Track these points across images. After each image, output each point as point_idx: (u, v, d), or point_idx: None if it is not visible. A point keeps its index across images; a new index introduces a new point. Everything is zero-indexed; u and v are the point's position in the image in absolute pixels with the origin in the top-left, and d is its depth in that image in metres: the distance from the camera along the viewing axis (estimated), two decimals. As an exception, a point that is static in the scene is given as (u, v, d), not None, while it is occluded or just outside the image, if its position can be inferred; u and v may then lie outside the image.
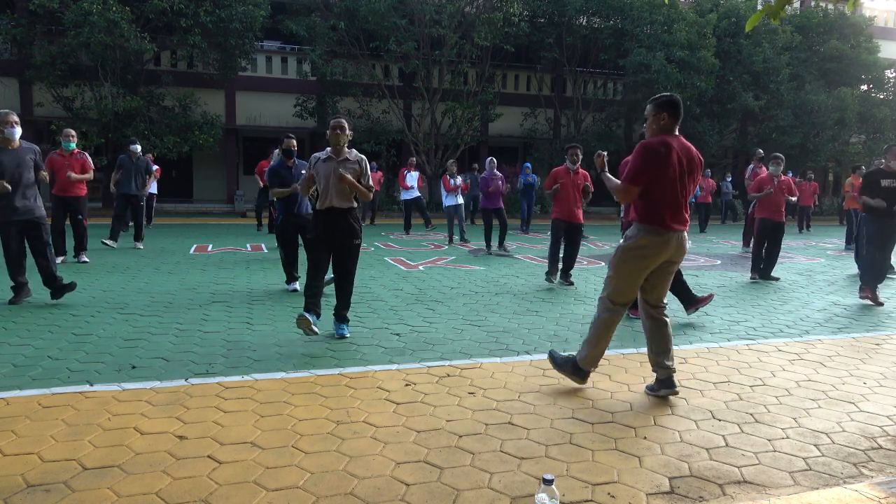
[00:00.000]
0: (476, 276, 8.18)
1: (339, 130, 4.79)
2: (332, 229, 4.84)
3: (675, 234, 3.65)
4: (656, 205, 3.63)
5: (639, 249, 3.67)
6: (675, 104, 3.70)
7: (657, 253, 3.65)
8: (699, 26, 20.42)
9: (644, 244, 3.65)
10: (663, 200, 3.62)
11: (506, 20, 19.41)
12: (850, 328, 5.71)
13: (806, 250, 12.38)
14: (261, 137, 22.12)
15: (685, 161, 3.66)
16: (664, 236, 3.62)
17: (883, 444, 3.13)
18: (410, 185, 13.68)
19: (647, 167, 3.60)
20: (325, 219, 4.84)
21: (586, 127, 22.82)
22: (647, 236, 3.64)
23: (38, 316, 5.39)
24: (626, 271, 3.71)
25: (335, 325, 4.98)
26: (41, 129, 18.86)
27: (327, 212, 4.83)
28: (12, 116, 5.70)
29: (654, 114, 3.70)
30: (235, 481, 2.59)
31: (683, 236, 3.72)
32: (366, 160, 4.99)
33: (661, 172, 3.58)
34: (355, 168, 4.86)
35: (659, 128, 3.69)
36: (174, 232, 13.07)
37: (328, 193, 4.80)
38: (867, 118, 23.88)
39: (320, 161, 4.85)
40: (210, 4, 17.03)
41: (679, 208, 3.66)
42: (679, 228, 3.66)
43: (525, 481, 2.65)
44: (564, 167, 7.62)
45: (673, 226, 3.63)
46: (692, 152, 3.75)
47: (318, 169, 4.84)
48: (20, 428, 3.06)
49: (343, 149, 4.86)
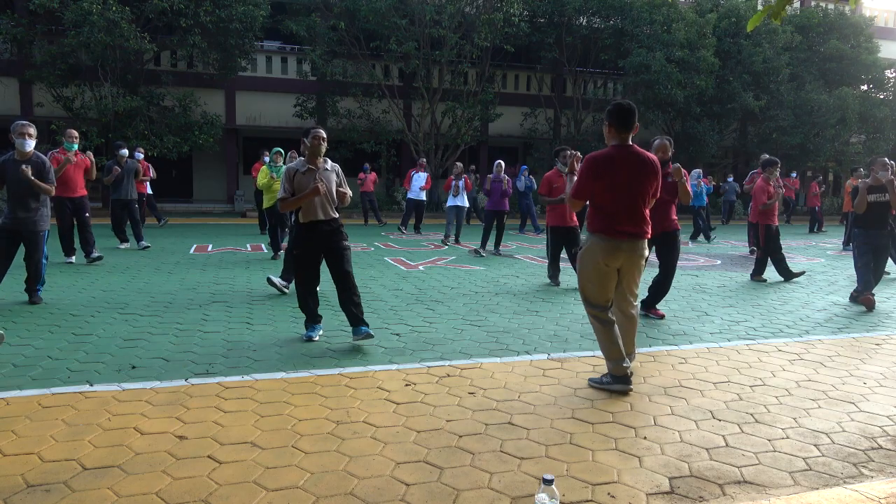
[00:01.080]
0: (476, 276, 8.18)
1: (321, 140, 4.72)
2: (319, 241, 4.75)
3: (623, 241, 3.76)
4: (601, 213, 3.80)
5: (588, 254, 3.84)
6: (620, 113, 3.78)
7: (606, 258, 3.78)
8: (699, 26, 20.42)
9: (592, 250, 3.82)
10: (608, 209, 3.77)
11: (506, 20, 19.41)
12: (850, 328, 5.71)
13: (806, 250, 12.38)
14: (261, 137, 22.12)
15: (633, 170, 3.76)
16: (612, 242, 3.76)
17: (883, 444, 3.13)
18: (415, 187, 13.67)
19: (587, 181, 3.79)
20: (311, 232, 4.74)
21: (586, 127, 22.82)
22: (596, 243, 3.80)
23: (38, 316, 5.39)
24: (585, 276, 3.89)
25: (355, 330, 4.68)
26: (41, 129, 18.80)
27: (312, 225, 4.73)
28: (29, 129, 5.70)
29: (604, 122, 3.89)
30: (235, 481, 2.59)
31: (639, 244, 3.82)
32: (339, 167, 4.93)
33: (605, 184, 3.74)
34: (333, 177, 4.80)
35: (608, 137, 3.87)
36: (174, 232, 13.07)
37: (311, 207, 4.69)
38: (867, 118, 23.86)
39: (299, 173, 4.70)
40: (210, 4, 17.03)
41: (626, 216, 3.77)
42: (627, 236, 3.77)
43: (525, 481, 2.65)
44: (555, 171, 7.61)
45: (619, 233, 3.76)
46: (645, 158, 3.83)
47: (299, 181, 4.68)
48: (20, 428, 3.06)
49: (320, 159, 4.78)
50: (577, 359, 4.49)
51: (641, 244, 3.84)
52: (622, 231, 3.75)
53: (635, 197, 3.78)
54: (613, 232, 3.75)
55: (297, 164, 4.77)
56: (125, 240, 10.08)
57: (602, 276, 3.82)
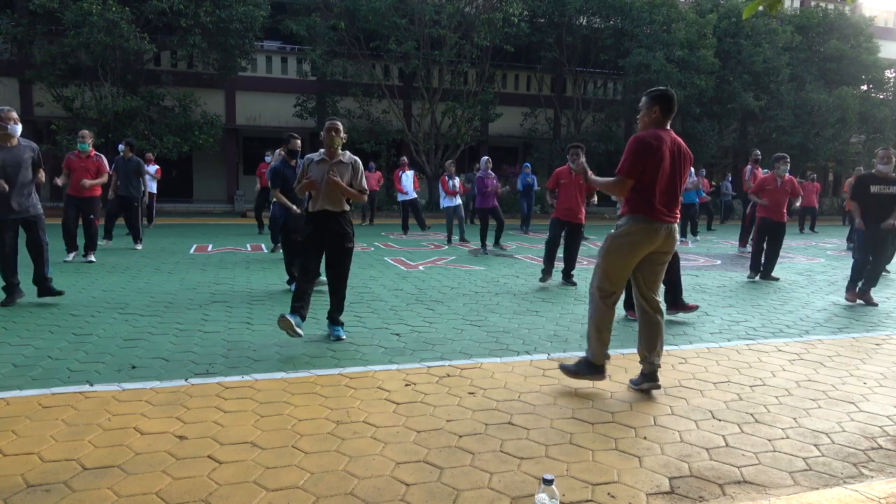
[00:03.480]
0: (476, 276, 8.18)
1: (333, 132, 4.79)
2: (323, 232, 4.80)
3: (664, 224, 3.74)
4: (647, 196, 3.73)
5: (627, 237, 3.77)
6: (668, 98, 3.79)
7: (645, 241, 3.73)
8: (699, 26, 20.42)
9: (632, 232, 3.75)
10: (654, 192, 3.71)
11: (506, 20, 19.41)
12: (850, 328, 5.71)
13: (806, 250, 12.38)
14: (261, 137, 22.12)
15: (676, 155, 3.77)
16: (653, 225, 3.72)
17: (883, 444, 3.13)
18: (405, 187, 13.66)
19: (639, 160, 3.70)
20: (317, 221, 4.80)
21: (586, 127, 22.83)
22: (637, 225, 3.74)
23: (38, 316, 5.39)
24: (614, 259, 3.81)
25: (331, 328, 4.94)
26: (41, 129, 18.87)
27: (319, 214, 4.79)
28: (13, 113, 5.70)
29: (647, 106, 3.85)
30: (235, 481, 2.59)
31: (673, 228, 3.81)
32: (359, 161, 4.97)
33: (654, 165, 3.69)
34: (349, 170, 4.84)
35: (651, 121, 3.82)
36: (174, 232, 13.06)
37: (321, 196, 4.77)
38: (867, 118, 23.87)
39: (314, 163, 4.82)
40: (210, 4, 17.03)
41: (669, 200, 3.76)
42: (668, 220, 3.76)
43: (525, 481, 2.65)
44: (566, 167, 7.62)
45: (662, 216, 3.73)
46: (683, 147, 3.85)
47: (312, 170, 4.80)
48: (20, 428, 3.06)
49: (337, 150, 4.85)
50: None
51: (675, 227, 3.83)
52: (665, 214, 3.73)
53: (675, 182, 3.77)
54: (657, 215, 3.71)
55: (315, 155, 4.87)
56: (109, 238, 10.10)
57: (631, 261, 3.78)
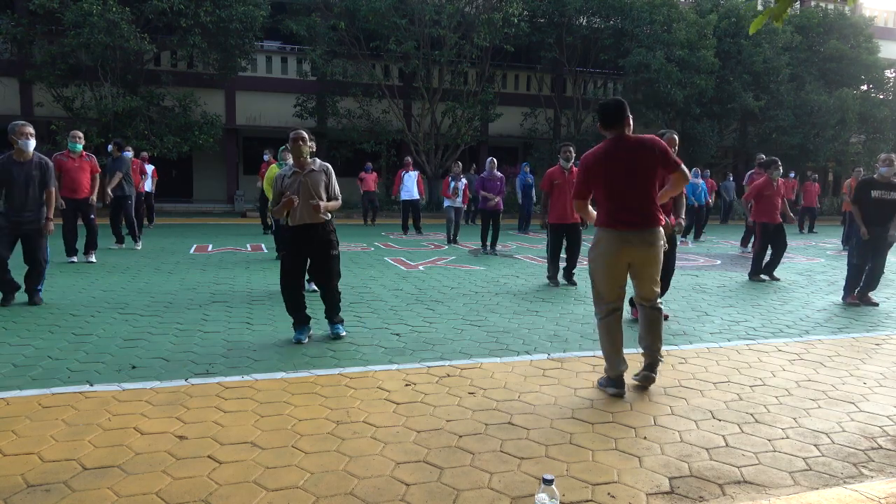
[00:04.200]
0: (476, 276, 8.18)
1: (300, 142, 4.69)
2: (306, 244, 4.73)
3: (631, 233, 3.73)
4: (606, 207, 3.79)
5: (597, 249, 3.84)
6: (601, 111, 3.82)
7: (616, 251, 3.76)
8: (699, 26, 20.42)
9: (600, 243, 3.81)
10: (610, 202, 3.77)
11: (505, 20, 19.41)
12: (850, 328, 5.71)
13: (806, 250, 12.38)
14: (261, 137, 22.12)
15: (628, 159, 3.73)
16: (621, 234, 3.74)
17: (883, 444, 3.13)
18: (408, 187, 13.62)
19: (583, 179, 3.85)
20: (299, 235, 4.72)
21: (586, 127, 22.82)
22: (604, 237, 3.79)
23: (38, 316, 5.39)
24: (595, 272, 3.88)
25: (330, 326, 4.95)
26: (41, 129, 18.85)
27: (301, 228, 4.71)
28: (28, 129, 5.68)
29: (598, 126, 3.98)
30: (235, 481, 2.59)
31: (649, 233, 3.75)
32: (331, 167, 4.89)
33: (598, 180, 3.77)
34: (322, 177, 4.76)
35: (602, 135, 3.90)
36: (174, 232, 13.06)
37: (299, 210, 4.66)
38: (867, 118, 23.87)
39: (286, 178, 4.71)
40: (210, 4, 17.03)
41: (627, 208, 3.73)
42: (634, 227, 3.73)
43: (525, 481, 2.65)
44: (558, 167, 7.60)
45: (626, 225, 3.73)
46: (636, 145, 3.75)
47: (286, 185, 4.69)
48: (20, 428, 3.06)
49: (306, 160, 4.75)
50: (577, 359, 4.49)
51: (650, 233, 3.75)
52: (626, 222, 3.72)
53: (635, 186, 3.73)
54: (617, 224, 3.73)
55: (285, 169, 4.78)
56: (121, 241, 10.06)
57: (611, 272, 3.78)
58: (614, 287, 3.82)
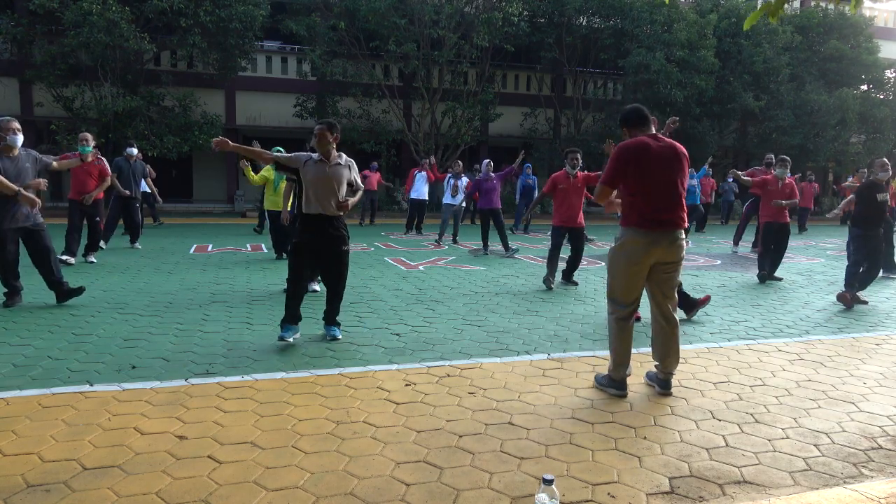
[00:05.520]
0: (476, 276, 8.18)
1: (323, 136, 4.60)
2: (319, 235, 4.69)
3: (661, 233, 3.65)
4: (638, 205, 3.67)
5: (622, 248, 3.73)
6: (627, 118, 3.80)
7: (641, 252, 3.66)
8: (699, 26, 20.42)
9: (626, 243, 3.71)
10: (645, 200, 3.65)
11: (505, 20, 19.41)
12: (850, 328, 5.71)
13: (806, 250, 12.38)
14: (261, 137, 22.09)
15: (665, 160, 3.67)
16: (650, 236, 3.65)
17: (883, 444, 3.13)
18: (418, 187, 13.60)
19: (620, 169, 3.68)
20: (312, 224, 4.68)
21: (586, 127, 22.83)
22: (632, 237, 3.69)
23: (38, 316, 5.39)
24: (615, 271, 3.78)
25: (326, 328, 4.91)
26: (41, 129, 18.87)
27: (315, 217, 4.67)
28: (14, 123, 5.67)
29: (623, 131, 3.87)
30: (235, 481, 2.59)
31: (675, 236, 3.69)
32: (353, 162, 4.89)
33: (638, 172, 3.64)
34: (347, 171, 4.77)
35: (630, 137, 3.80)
36: (174, 232, 13.06)
37: (317, 198, 4.63)
38: (867, 118, 23.87)
39: (311, 161, 4.65)
40: (210, 4, 17.03)
41: (665, 207, 3.65)
42: (665, 228, 3.65)
43: (525, 481, 2.65)
44: (564, 172, 7.58)
45: (656, 226, 3.64)
46: (676, 149, 3.75)
47: (309, 169, 4.64)
48: (20, 428, 3.06)
49: (332, 152, 4.71)
50: (577, 359, 4.49)
51: (678, 235, 3.70)
52: (658, 221, 3.63)
53: (671, 186, 3.67)
54: (650, 223, 3.63)
55: (316, 154, 4.72)
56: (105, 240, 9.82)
57: (634, 273, 3.70)
58: (636, 288, 3.74)
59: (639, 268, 3.69)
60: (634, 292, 3.76)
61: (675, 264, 3.76)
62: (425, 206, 13.98)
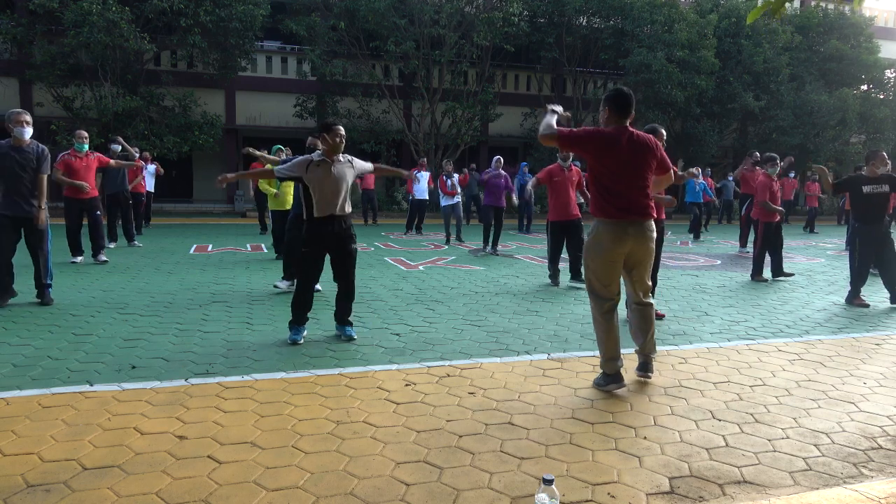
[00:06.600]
0: (476, 276, 8.18)
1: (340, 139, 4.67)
2: (333, 238, 4.69)
3: (628, 223, 3.73)
4: (606, 196, 3.75)
5: (594, 238, 3.81)
6: (617, 99, 3.79)
7: (614, 241, 3.74)
8: (699, 26, 20.43)
9: (599, 233, 3.79)
10: (612, 191, 3.73)
11: (505, 20, 19.42)
12: (850, 328, 5.71)
13: (806, 250, 12.38)
14: (261, 137, 22.12)
15: (636, 151, 3.74)
16: (618, 224, 3.73)
17: (883, 444, 3.13)
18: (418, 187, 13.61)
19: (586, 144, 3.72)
20: (325, 228, 4.67)
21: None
22: (604, 228, 3.77)
23: (38, 316, 5.39)
24: (590, 262, 3.86)
25: (340, 328, 4.90)
26: (41, 129, 18.85)
27: (327, 220, 4.66)
28: (24, 116, 5.68)
29: (601, 108, 3.90)
30: (235, 481, 2.59)
31: (643, 225, 3.77)
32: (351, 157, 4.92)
33: (610, 163, 3.70)
34: (350, 167, 4.79)
35: (603, 123, 3.85)
36: (174, 232, 13.06)
37: (326, 199, 4.63)
38: (867, 118, 23.88)
39: (313, 164, 4.63)
40: (210, 4, 17.04)
41: (633, 197, 3.73)
42: (633, 217, 3.73)
43: (525, 481, 2.65)
44: (558, 165, 7.60)
45: (623, 216, 3.72)
46: (645, 141, 3.80)
47: (313, 172, 4.62)
48: (20, 428, 3.06)
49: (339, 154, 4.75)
50: (577, 359, 4.49)
51: (648, 225, 3.80)
52: (627, 213, 3.71)
53: (640, 178, 3.75)
54: (617, 216, 3.71)
55: (315, 155, 4.70)
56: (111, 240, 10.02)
57: (609, 265, 3.78)
58: (615, 279, 3.83)
59: (613, 257, 3.78)
60: (612, 284, 3.84)
61: (648, 252, 3.85)
62: (425, 205, 14.00)
